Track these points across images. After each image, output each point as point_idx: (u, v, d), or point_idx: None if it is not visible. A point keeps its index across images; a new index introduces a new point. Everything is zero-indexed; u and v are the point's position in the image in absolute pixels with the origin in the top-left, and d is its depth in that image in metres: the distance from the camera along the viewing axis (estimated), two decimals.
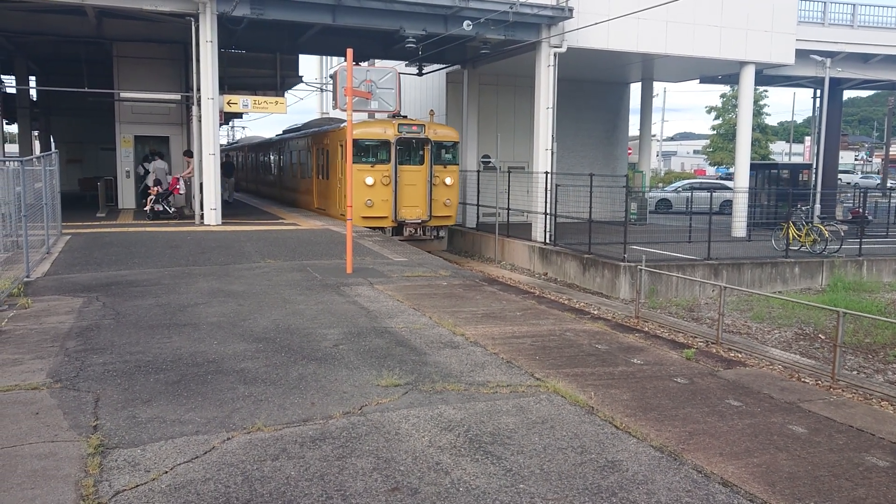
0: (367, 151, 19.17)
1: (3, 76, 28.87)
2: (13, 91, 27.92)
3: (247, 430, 4.88)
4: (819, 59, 25.72)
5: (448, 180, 20.07)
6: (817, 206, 24.29)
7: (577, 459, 4.53)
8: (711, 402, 5.70)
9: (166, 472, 4.23)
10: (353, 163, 16.73)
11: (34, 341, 7.09)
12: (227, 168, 27.79)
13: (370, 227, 18.59)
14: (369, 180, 18.80)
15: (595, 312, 12.83)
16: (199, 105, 18.02)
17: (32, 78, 28.88)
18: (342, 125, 18.69)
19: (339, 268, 11.77)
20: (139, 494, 3.96)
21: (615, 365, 6.69)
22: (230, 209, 22.30)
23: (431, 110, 21.78)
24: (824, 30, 26.53)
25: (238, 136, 58.29)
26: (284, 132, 30.97)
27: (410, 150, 19.56)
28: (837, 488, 4.20)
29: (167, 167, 20.71)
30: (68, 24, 20.32)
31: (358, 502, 3.91)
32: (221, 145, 47.11)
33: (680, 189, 36.29)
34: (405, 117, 20.30)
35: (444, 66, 25.73)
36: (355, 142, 15.80)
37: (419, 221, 19.68)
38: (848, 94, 39.49)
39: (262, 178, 34.62)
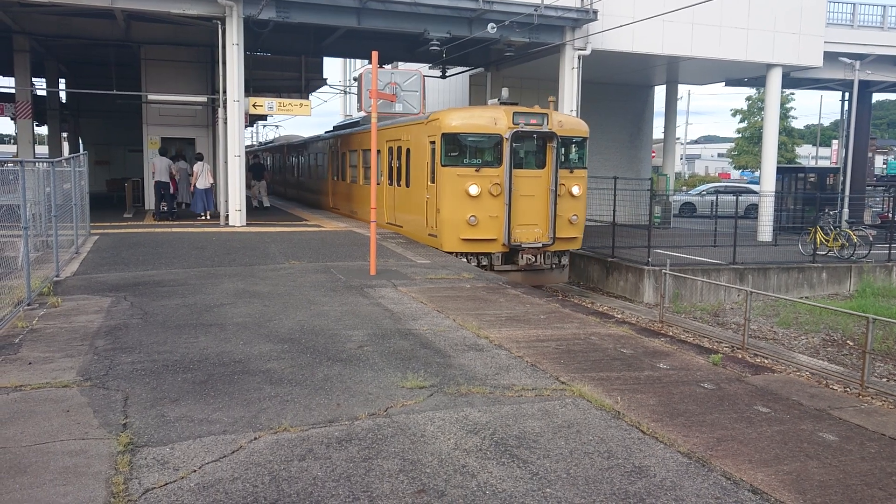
0: (470, 150, 14.58)
1: (33, 78, 29.39)
2: (43, 93, 28.38)
3: (273, 431, 4.91)
4: (848, 61, 25.38)
5: (576, 189, 15.12)
6: (845, 210, 23.94)
7: (604, 464, 4.50)
8: (739, 408, 5.63)
9: (195, 471, 4.27)
10: (449, 165, 14.10)
11: (64, 340, 7.20)
12: (257, 170, 25.45)
13: (467, 253, 14.39)
14: (474, 190, 13.97)
15: (619, 316, 12.77)
16: (224, 107, 18.19)
17: (62, 80, 29.36)
18: (423, 116, 14.43)
19: (363, 269, 11.81)
20: (168, 492, 4.00)
21: (641, 369, 6.64)
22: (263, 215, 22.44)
23: (552, 97, 15.98)
24: (853, 32, 26.16)
25: (270, 136, 54.89)
26: (336, 128, 25.82)
27: (528, 148, 14.81)
28: (870, 497, 4.13)
29: (188, 168, 20.86)
30: (97, 28, 20.65)
31: None
32: (251, 146, 47.27)
33: (704, 192, 35.98)
34: (515, 104, 15.38)
35: (468, 68, 25.76)
36: (453, 137, 14.16)
37: (539, 245, 14.67)
38: (877, 97, 38.88)
39: (300, 183, 30.25)
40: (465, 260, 14.07)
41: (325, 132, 26.52)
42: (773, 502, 4.04)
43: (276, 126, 53.01)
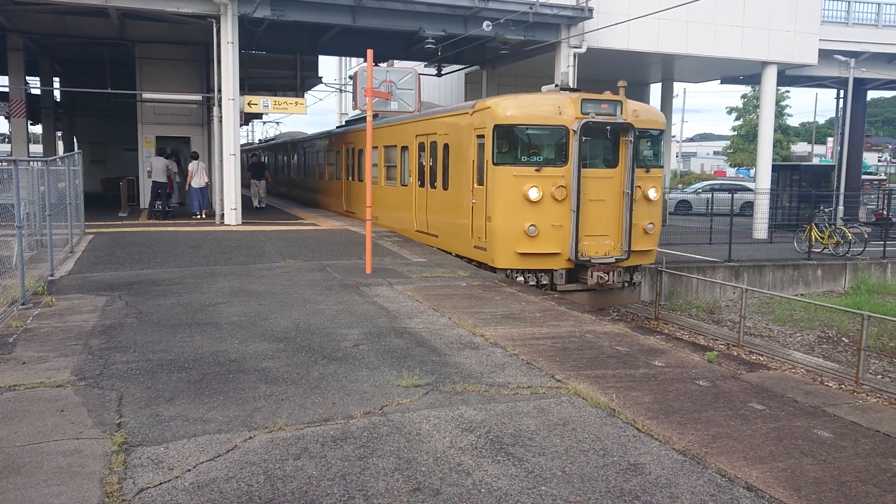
0: (530, 146, 12.14)
1: (28, 77, 29.32)
2: (38, 92, 28.30)
3: (268, 430, 4.90)
4: (843, 59, 25.44)
5: (652, 193, 12.71)
6: (840, 207, 24.01)
7: (600, 462, 4.50)
8: (734, 405, 5.64)
9: (189, 470, 4.26)
10: (503, 164, 11.84)
11: (58, 339, 7.18)
12: (257, 169, 24.54)
13: (524, 270, 12.03)
14: (534, 193, 11.60)
15: (615, 314, 12.76)
16: (219, 106, 18.17)
17: (56, 79, 29.26)
18: (466, 105, 13.02)
19: (359, 268, 11.80)
20: (163, 492, 3.99)
21: (636, 367, 6.64)
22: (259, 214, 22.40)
23: (622, 82, 13.00)
24: (848, 30, 26.22)
25: (270, 134, 51.92)
26: (350, 122, 23.29)
27: (597, 143, 12.14)
28: (865, 494, 4.14)
29: (175, 166, 20.65)
30: (92, 27, 20.59)
31: (380, 502, 3.91)
32: (249, 144, 46.77)
33: (700, 190, 36.04)
34: (578, 90, 12.99)
35: (463, 66, 25.76)
36: (509, 130, 11.86)
37: (611, 260, 12.19)
38: (872, 95, 38.98)
39: (308, 184, 27.26)
40: (520, 279, 11.89)
41: (337, 127, 23.37)
42: (768, 499, 4.05)
43: (277, 122, 50.27)
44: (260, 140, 45.64)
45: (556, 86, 13.32)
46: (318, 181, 25.54)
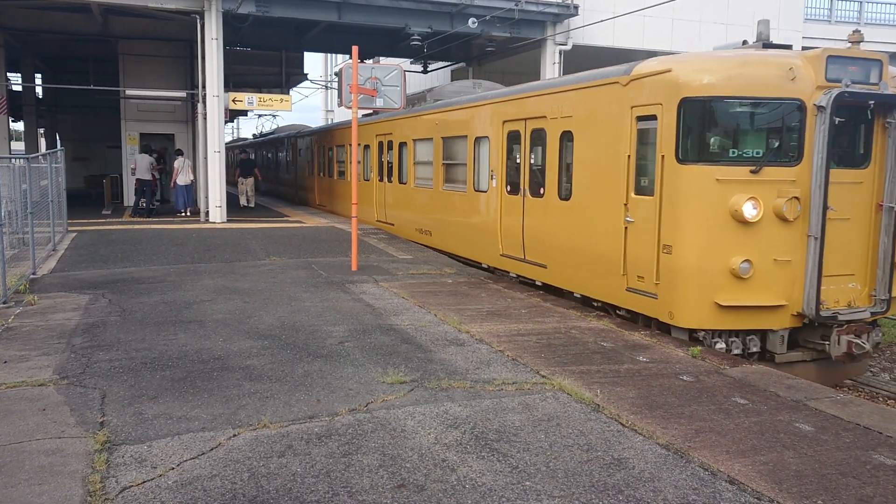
0: (743, 131, 7.97)
1: (9, 74, 29.03)
2: (19, 88, 28.01)
3: (253, 427, 4.88)
4: None
5: None
6: None
7: (584, 457, 4.52)
8: (717, 399, 5.68)
9: (173, 469, 4.24)
10: (695, 161, 7.65)
11: (40, 338, 7.12)
12: (246, 167, 23.81)
13: (726, 331, 7.78)
14: (750, 209, 7.52)
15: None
16: (204, 103, 18.05)
17: (38, 76, 28.99)
18: (613, 71, 8.97)
19: (345, 265, 11.77)
20: (146, 490, 3.97)
21: (621, 363, 6.67)
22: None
23: (856, 31, 8.16)
24: (831, 27, 26.42)
25: (263, 128, 46.37)
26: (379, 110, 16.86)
27: (842, 129, 7.80)
28: (845, 486, 4.19)
29: (153, 162, 20.47)
30: (74, 22, 20.41)
31: (364, 499, 3.91)
32: (236, 141, 45.88)
33: None
34: (789, 46, 8.68)
35: (450, 63, 25.74)
36: (707, 108, 7.67)
37: (864, 314, 7.88)
38: None
39: (322, 186, 22.84)
40: (720, 345, 7.67)
41: (364, 115, 18.33)
42: (750, 492, 4.09)
43: (274, 115, 44.94)
44: (254, 135, 41.36)
45: (745, 42, 8.99)
46: (333, 184, 21.32)
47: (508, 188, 11.27)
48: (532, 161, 10.65)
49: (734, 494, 4.05)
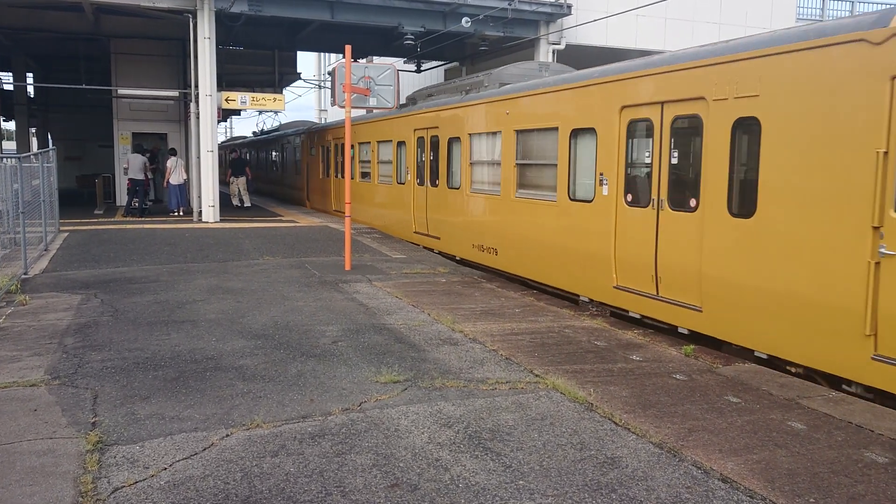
0: None
1: (0, 73, 28.87)
2: (10, 88, 27.88)
3: (246, 427, 4.87)
4: None
5: None
6: None
7: (577, 456, 4.53)
8: (710, 398, 5.69)
9: (165, 469, 4.22)
10: None
11: (32, 338, 7.08)
12: (237, 166, 23.61)
13: None
14: None
15: (594, 309, 12.80)
16: (196, 102, 18.00)
17: (30, 74, 28.85)
18: (824, 28, 6.35)
19: (338, 265, 11.76)
20: (138, 491, 3.95)
21: (614, 362, 6.68)
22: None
23: None
24: None
25: (263, 125, 41.48)
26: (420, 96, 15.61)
27: None
28: (836, 485, 4.20)
29: (146, 162, 20.41)
30: (66, 21, 20.31)
31: (357, 499, 3.91)
32: (235, 139, 45.33)
33: None
34: None
35: (443, 62, 25.73)
36: None
37: None
38: None
39: (357, 193, 18.09)
40: None
41: (406, 100, 16.04)
42: (743, 490, 4.10)
43: (276, 112, 43.38)
44: (254, 132, 38.72)
45: None
46: (361, 190, 17.90)
47: (628, 198, 8.57)
48: (674, 161, 7.95)
49: (727, 493, 4.06)
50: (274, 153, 30.04)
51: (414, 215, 14.91)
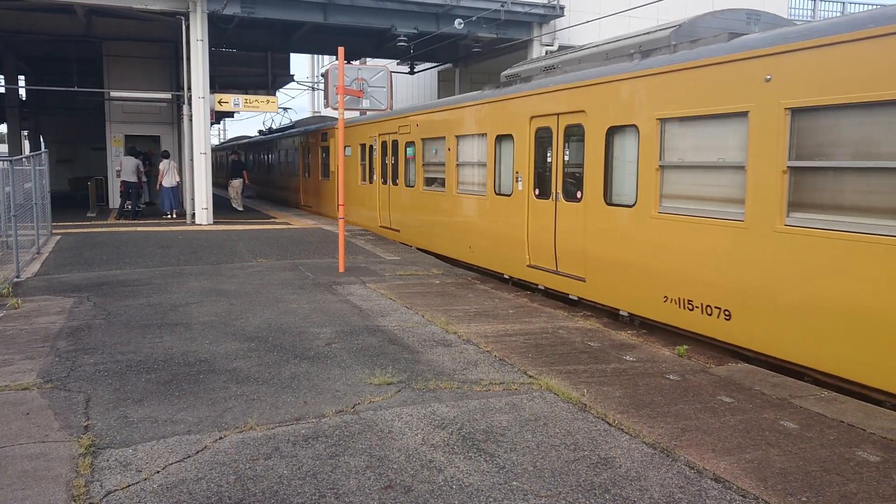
0: None
1: None
2: (2, 90, 27.79)
3: (239, 430, 4.86)
4: None
5: None
6: None
7: (570, 456, 4.53)
8: (703, 398, 5.71)
9: (158, 472, 4.21)
10: None
11: (24, 342, 7.05)
12: (235, 168, 23.18)
13: None
14: None
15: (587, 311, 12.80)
16: (189, 104, 17.96)
17: (22, 77, 28.73)
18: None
19: (332, 266, 11.75)
20: (131, 494, 3.94)
21: (607, 362, 6.69)
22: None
23: None
24: None
25: (269, 124, 39.62)
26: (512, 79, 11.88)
27: None
28: (829, 483, 4.22)
29: (141, 164, 20.36)
30: (58, 23, 20.25)
31: (351, 501, 3.90)
32: (236, 139, 45.17)
33: None
34: None
35: (436, 64, 25.75)
36: None
37: None
38: None
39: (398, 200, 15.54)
40: None
41: (506, 78, 11.78)
42: (735, 490, 4.11)
43: (285, 109, 37.23)
44: (261, 131, 35.62)
45: None
46: (428, 199, 13.98)
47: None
48: (567, 159, 8.22)
49: (720, 492, 4.08)
50: (281, 154, 27.30)
51: (557, 242, 9.81)
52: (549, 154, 10.01)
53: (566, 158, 9.64)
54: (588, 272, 9.22)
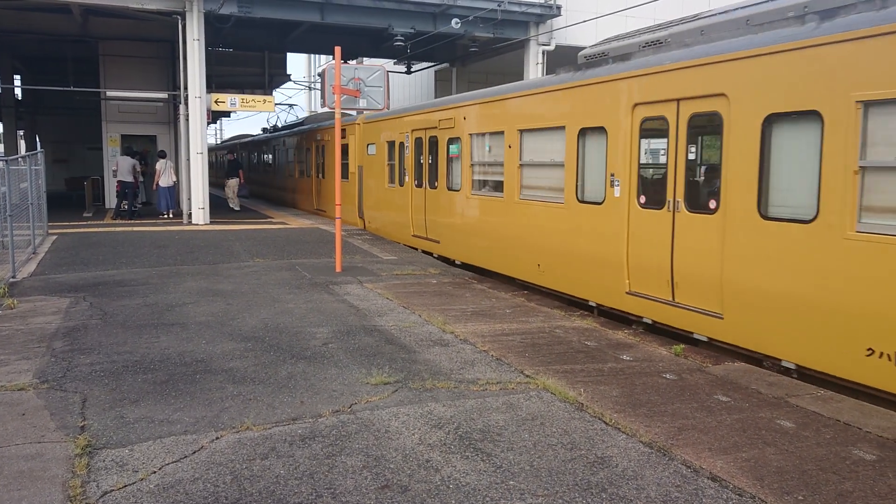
0: None
1: None
2: None
3: (236, 430, 4.85)
4: None
5: None
6: None
7: (567, 456, 4.53)
8: (700, 397, 5.72)
9: (154, 472, 4.20)
10: None
11: (20, 342, 7.03)
12: (231, 168, 23.13)
13: None
14: None
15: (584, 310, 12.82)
16: (186, 104, 17.93)
17: (17, 77, 28.67)
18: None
19: (329, 266, 11.74)
20: (127, 495, 3.93)
21: (604, 361, 6.70)
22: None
23: None
24: None
25: (274, 121, 35.27)
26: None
27: None
28: (825, 482, 4.23)
29: (137, 164, 20.29)
30: (54, 23, 20.20)
31: (348, 500, 3.90)
32: (239, 138, 45.09)
33: None
34: None
35: (433, 64, 25.74)
36: None
37: None
38: None
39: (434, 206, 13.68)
40: None
41: (587, 59, 9.80)
42: (732, 489, 4.11)
43: (290, 105, 34.25)
44: (264, 129, 33.42)
45: None
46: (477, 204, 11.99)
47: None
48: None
49: (716, 491, 4.08)
50: (290, 153, 24.91)
51: (675, 265, 7.75)
52: (662, 152, 8.16)
53: (690, 157, 7.50)
54: (728, 307, 7.05)
